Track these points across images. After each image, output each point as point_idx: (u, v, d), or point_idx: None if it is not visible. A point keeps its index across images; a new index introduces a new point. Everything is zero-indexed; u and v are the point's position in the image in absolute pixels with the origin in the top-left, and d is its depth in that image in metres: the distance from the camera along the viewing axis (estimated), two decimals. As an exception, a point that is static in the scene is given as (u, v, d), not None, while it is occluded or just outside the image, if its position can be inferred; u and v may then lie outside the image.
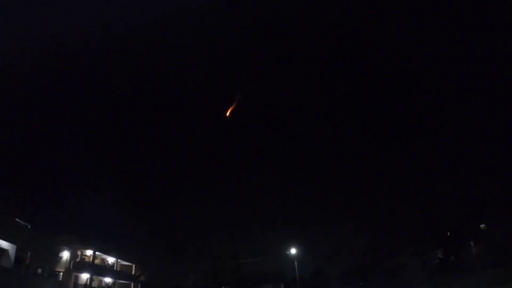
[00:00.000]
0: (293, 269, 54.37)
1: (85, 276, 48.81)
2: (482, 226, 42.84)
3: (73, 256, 47.95)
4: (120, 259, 58.66)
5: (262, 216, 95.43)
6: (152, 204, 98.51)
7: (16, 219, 40.88)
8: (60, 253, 46.65)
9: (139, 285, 62.59)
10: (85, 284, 47.56)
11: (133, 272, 62.81)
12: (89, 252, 51.45)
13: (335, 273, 63.74)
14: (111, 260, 57.35)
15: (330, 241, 67.65)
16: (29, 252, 39.86)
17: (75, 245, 48.55)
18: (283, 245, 56.17)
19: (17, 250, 37.14)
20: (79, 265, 48.33)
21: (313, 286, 59.78)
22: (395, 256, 50.21)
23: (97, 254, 52.61)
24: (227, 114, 49.41)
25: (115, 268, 57.53)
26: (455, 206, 45.47)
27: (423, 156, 70.49)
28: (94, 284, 50.33)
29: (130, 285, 60.97)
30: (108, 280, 55.02)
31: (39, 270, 40.36)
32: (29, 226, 42.74)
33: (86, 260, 50.88)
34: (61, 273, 45.32)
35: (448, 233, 45.61)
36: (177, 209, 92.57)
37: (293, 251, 53.45)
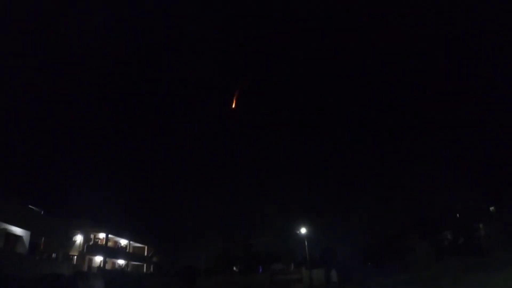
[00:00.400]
0: (303, 248, 54.78)
1: (98, 259, 50.15)
2: (491, 208, 42.36)
3: (86, 239, 49.21)
4: (132, 241, 59.85)
5: (273, 197, 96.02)
6: (164, 186, 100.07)
7: (29, 206, 41.67)
8: (74, 237, 47.77)
9: (152, 266, 64.05)
10: (99, 267, 48.79)
11: (145, 254, 64.17)
12: (101, 235, 52.59)
13: (344, 253, 64.12)
14: (123, 242, 58.54)
15: (340, 222, 67.74)
16: (43, 238, 40.69)
17: (88, 228, 49.67)
18: (293, 225, 56.42)
19: (31, 236, 37.89)
20: (92, 248, 49.61)
21: (323, 266, 60.25)
22: (404, 237, 50.07)
23: (109, 237, 53.70)
24: (233, 105, 49.96)
25: (127, 250, 58.86)
26: (465, 188, 44.82)
27: (433, 138, 69.45)
28: (108, 266, 51.65)
29: (142, 266, 62.48)
30: (121, 262, 56.43)
31: (54, 255, 41.39)
32: (42, 212, 43.54)
33: (99, 243, 52.08)
34: (75, 257, 46.62)
35: (458, 214, 45.22)
36: (189, 191, 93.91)
37: (303, 231, 53.71)
